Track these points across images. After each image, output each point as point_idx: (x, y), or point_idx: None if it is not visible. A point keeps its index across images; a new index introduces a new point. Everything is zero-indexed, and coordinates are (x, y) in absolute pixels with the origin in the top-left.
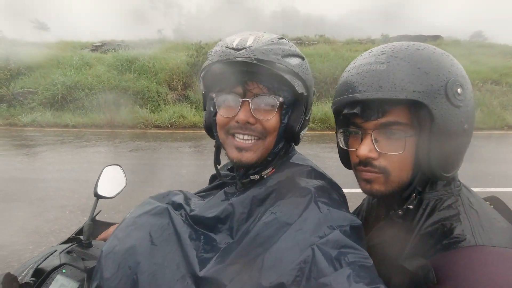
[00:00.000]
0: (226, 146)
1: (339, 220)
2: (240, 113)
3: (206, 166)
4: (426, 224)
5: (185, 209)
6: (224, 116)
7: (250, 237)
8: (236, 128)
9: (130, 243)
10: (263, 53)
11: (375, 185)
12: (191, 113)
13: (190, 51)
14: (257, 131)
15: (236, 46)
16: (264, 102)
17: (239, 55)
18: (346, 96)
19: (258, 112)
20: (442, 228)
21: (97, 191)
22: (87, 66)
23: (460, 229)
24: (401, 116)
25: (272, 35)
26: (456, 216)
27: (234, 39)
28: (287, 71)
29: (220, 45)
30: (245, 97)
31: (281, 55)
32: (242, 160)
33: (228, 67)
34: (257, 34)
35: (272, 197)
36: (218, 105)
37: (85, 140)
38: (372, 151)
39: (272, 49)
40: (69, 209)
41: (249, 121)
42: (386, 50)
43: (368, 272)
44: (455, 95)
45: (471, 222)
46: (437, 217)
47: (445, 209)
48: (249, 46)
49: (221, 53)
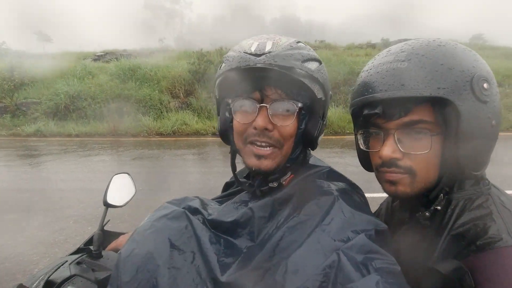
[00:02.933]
0: (243, 153)
1: (364, 223)
2: (258, 118)
3: (211, 174)
4: (456, 224)
5: (203, 214)
6: (241, 122)
7: (273, 241)
8: (254, 136)
9: (149, 246)
10: (284, 59)
11: (400, 187)
12: (194, 120)
13: (192, 59)
14: (273, 138)
15: (255, 51)
16: (282, 107)
17: (259, 61)
18: (366, 96)
19: (276, 118)
20: (474, 228)
21: (106, 200)
22: (89, 76)
23: (495, 229)
24: (425, 115)
25: (290, 39)
26: (489, 216)
27: (252, 44)
28: (307, 76)
29: (237, 50)
30: (263, 102)
31: (301, 60)
32: (261, 168)
33: (247, 73)
34: (275, 38)
35: (293, 201)
36: (234, 110)
37: (88, 149)
38: (396, 151)
39: (293, 55)
40: (74, 219)
41: (267, 127)
42: (406, 48)
43: (396, 278)
44: (481, 90)
45: (506, 221)
46: (468, 217)
47: (476, 208)
48: (269, 52)
49: (239, 59)
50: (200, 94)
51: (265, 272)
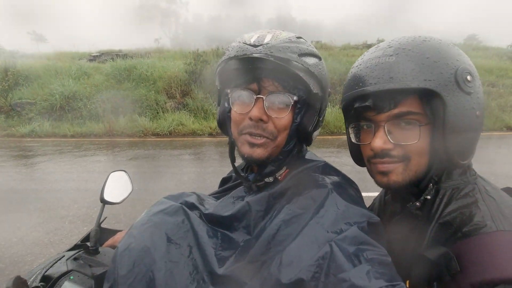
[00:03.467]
0: (238, 142)
1: (357, 216)
2: (253, 109)
3: (207, 174)
4: (444, 213)
5: (199, 209)
6: (238, 112)
7: (268, 234)
8: (249, 128)
9: (146, 240)
10: (280, 51)
11: (392, 176)
12: (190, 121)
13: (188, 59)
14: (267, 131)
15: (254, 42)
16: (278, 100)
17: (256, 51)
18: (357, 90)
19: (272, 110)
20: (461, 216)
21: (103, 197)
22: (85, 76)
23: (479, 216)
24: (413, 106)
25: (290, 34)
26: (475, 204)
27: (252, 36)
28: (303, 70)
29: (237, 41)
30: (260, 94)
31: (298, 53)
32: (253, 156)
33: (244, 63)
34: (275, 32)
35: (288, 194)
36: (232, 101)
37: (84, 149)
38: (387, 142)
39: (290, 47)
40: (69, 219)
41: (262, 119)
42: (393, 43)
43: (387, 268)
44: (465, 82)
45: (490, 208)
46: (455, 206)
47: (463, 197)
48: (267, 43)
49: (238, 49)
50: (196, 95)
51: (261, 265)
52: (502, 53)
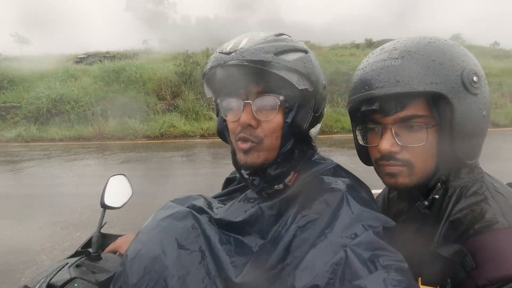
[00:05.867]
0: (236, 150)
1: (371, 220)
2: (242, 115)
3: (201, 175)
4: (454, 211)
5: (208, 213)
6: (231, 120)
7: (285, 241)
8: (240, 133)
9: (156, 247)
10: (252, 53)
11: (400, 178)
12: (181, 122)
13: (178, 60)
14: (254, 135)
15: (229, 49)
16: (265, 102)
17: (229, 59)
18: (363, 93)
19: (260, 113)
20: (471, 213)
21: (104, 202)
22: (72, 79)
23: (491, 213)
24: (419, 109)
25: (269, 33)
26: (484, 201)
27: (230, 43)
28: (283, 68)
29: (216, 50)
30: (247, 99)
31: (274, 52)
32: (247, 162)
33: (225, 72)
34: (253, 35)
35: (300, 198)
36: (223, 110)
37: (73, 153)
38: (394, 145)
39: (263, 48)
40: (60, 225)
41: (251, 124)
42: (398, 45)
43: (404, 275)
44: (471, 83)
45: (500, 205)
46: (464, 204)
47: (472, 195)
48: (240, 48)
49: (214, 59)
50: (187, 96)
51: (279, 273)
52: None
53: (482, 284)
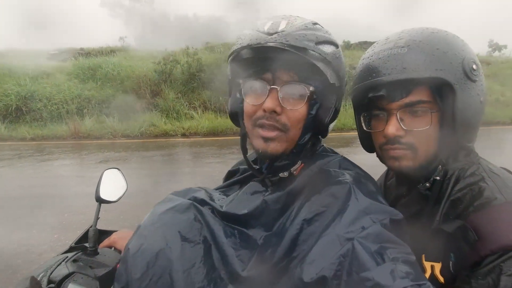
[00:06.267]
0: (252, 136)
1: (379, 212)
2: (267, 100)
3: (184, 174)
4: (454, 191)
5: (211, 205)
6: (251, 103)
7: (291, 234)
8: (262, 119)
9: (158, 241)
10: (296, 39)
11: (404, 161)
12: (162, 121)
13: (157, 58)
14: (280, 122)
15: (268, 30)
16: (294, 90)
17: (270, 40)
18: (371, 80)
19: (286, 101)
20: (470, 192)
21: (99, 195)
22: (44, 75)
23: (488, 191)
24: (423, 95)
25: (306, 20)
26: (482, 180)
27: (266, 23)
28: (320, 59)
29: (250, 28)
30: (274, 84)
31: (315, 41)
32: (267, 150)
33: (258, 52)
34: (290, 18)
35: (306, 191)
36: (245, 92)
37: (47, 153)
38: (399, 129)
39: (306, 35)
40: (37, 227)
41: (276, 110)
42: (404, 35)
43: (412, 267)
44: (471, 70)
45: (497, 183)
46: (463, 184)
47: (470, 176)
48: (282, 31)
49: (251, 37)
50: (167, 95)
51: (286, 266)
52: None
53: (484, 254)
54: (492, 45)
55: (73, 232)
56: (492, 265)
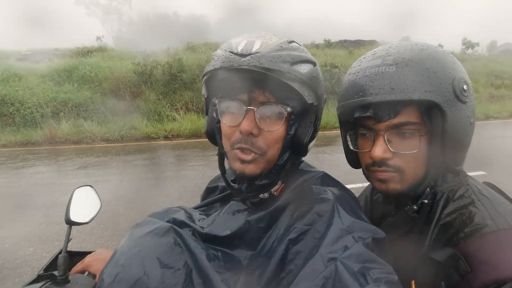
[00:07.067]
0: (230, 157)
1: (361, 231)
2: (243, 122)
3: (166, 178)
4: (443, 215)
5: (191, 226)
6: (227, 124)
7: (279, 255)
8: (239, 142)
9: (136, 269)
10: (270, 61)
11: (391, 184)
12: (143, 124)
13: (137, 59)
14: (256, 146)
15: (241, 51)
16: (271, 111)
17: (243, 63)
18: (357, 99)
19: (264, 122)
20: (460, 217)
21: (69, 217)
22: (15, 78)
23: (479, 216)
24: (412, 116)
25: (282, 39)
26: (472, 204)
27: (240, 42)
28: (297, 80)
29: (224, 48)
30: (250, 105)
31: (290, 62)
32: (245, 172)
33: (233, 74)
34: (265, 37)
35: (290, 209)
36: (220, 112)
37: (20, 160)
38: (386, 151)
39: (281, 56)
40: (10, 240)
41: (253, 132)
42: (392, 52)
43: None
44: (461, 91)
45: (487, 208)
46: (452, 207)
47: (459, 198)
48: (256, 52)
49: (224, 59)
50: (148, 96)
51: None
52: None
53: (478, 287)
54: (466, 43)
55: (50, 244)
56: None
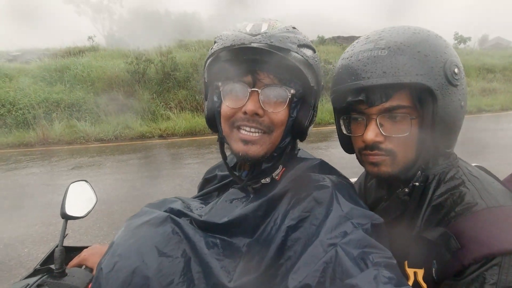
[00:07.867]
0: (230, 139)
1: (360, 217)
2: (248, 103)
3: (162, 177)
4: (435, 196)
5: (189, 215)
6: (230, 106)
7: (278, 242)
8: (243, 121)
9: (134, 258)
10: (280, 40)
11: (382, 167)
12: (137, 123)
13: (129, 58)
14: (264, 124)
15: (250, 31)
16: (275, 93)
17: (255, 41)
18: (349, 83)
19: (268, 104)
20: (451, 197)
21: (65, 211)
22: (6, 79)
23: (469, 196)
24: (404, 100)
25: (285, 24)
26: (462, 185)
27: (247, 25)
28: (303, 62)
29: (231, 29)
30: (255, 87)
31: (297, 44)
32: (248, 154)
33: (239, 54)
34: (270, 21)
35: (289, 196)
36: (224, 94)
37: (13, 161)
38: (378, 135)
39: (289, 37)
40: (4, 242)
41: (258, 113)
42: (384, 35)
43: (394, 272)
44: (453, 75)
45: (477, 188)
46: (444, 188)
47: (450, 180)
48: (265, 32)
49: (234, 38)
50: (142, 95)
51: (274, 273)
52: None
53: (467, 263)
54: (458, 37)
55: (44, 245)
56: (475, 274)
